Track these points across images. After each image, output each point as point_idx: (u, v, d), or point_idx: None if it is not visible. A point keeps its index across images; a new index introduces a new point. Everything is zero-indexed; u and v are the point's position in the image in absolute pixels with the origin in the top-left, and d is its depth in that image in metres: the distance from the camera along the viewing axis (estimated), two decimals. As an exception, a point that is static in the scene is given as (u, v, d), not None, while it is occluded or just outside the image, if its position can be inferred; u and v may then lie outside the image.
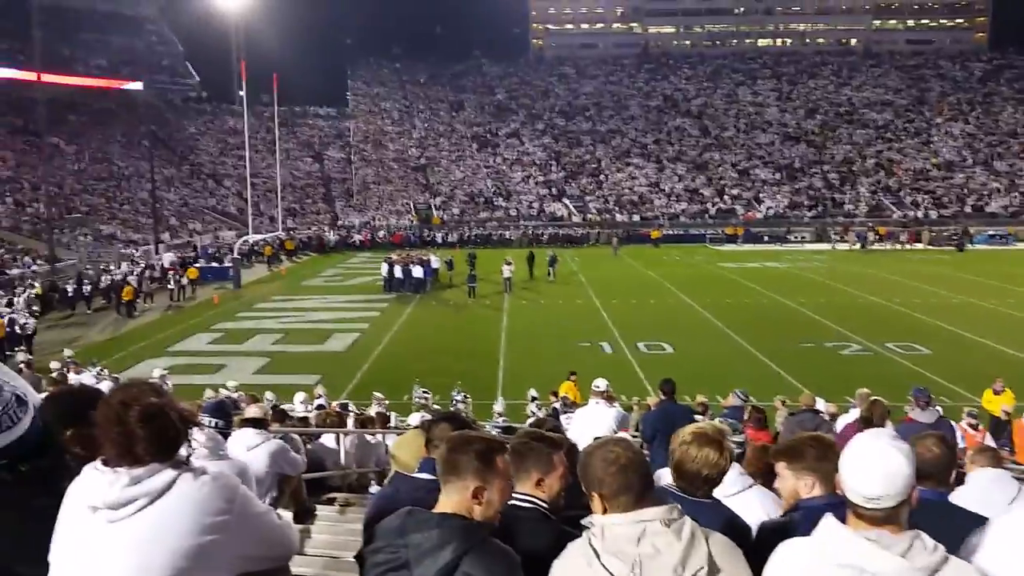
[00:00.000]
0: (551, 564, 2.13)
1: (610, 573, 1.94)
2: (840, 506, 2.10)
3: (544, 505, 2.51)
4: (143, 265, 32.30)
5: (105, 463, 1.87)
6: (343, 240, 53.86)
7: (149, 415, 1.83)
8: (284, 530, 2.01)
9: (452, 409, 12.65)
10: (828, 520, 1.99)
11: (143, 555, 1.73)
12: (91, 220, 44.80)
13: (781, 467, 2.87)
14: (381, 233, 55.91)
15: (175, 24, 75.36)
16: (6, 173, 46.59)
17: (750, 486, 3.61)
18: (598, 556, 1.98)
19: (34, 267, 32.37)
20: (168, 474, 1.81)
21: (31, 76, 42.02)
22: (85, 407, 2.54)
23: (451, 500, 2.10)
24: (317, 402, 13.32)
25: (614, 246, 48.70)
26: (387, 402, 13.83)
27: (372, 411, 12.47)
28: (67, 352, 17.59)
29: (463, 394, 15.13)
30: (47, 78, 42.64)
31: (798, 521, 2.63)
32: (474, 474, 2.08)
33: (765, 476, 4.48)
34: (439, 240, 53.90)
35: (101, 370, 14.70)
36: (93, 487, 1.81)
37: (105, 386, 9.42)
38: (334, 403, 13.08)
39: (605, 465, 2.09)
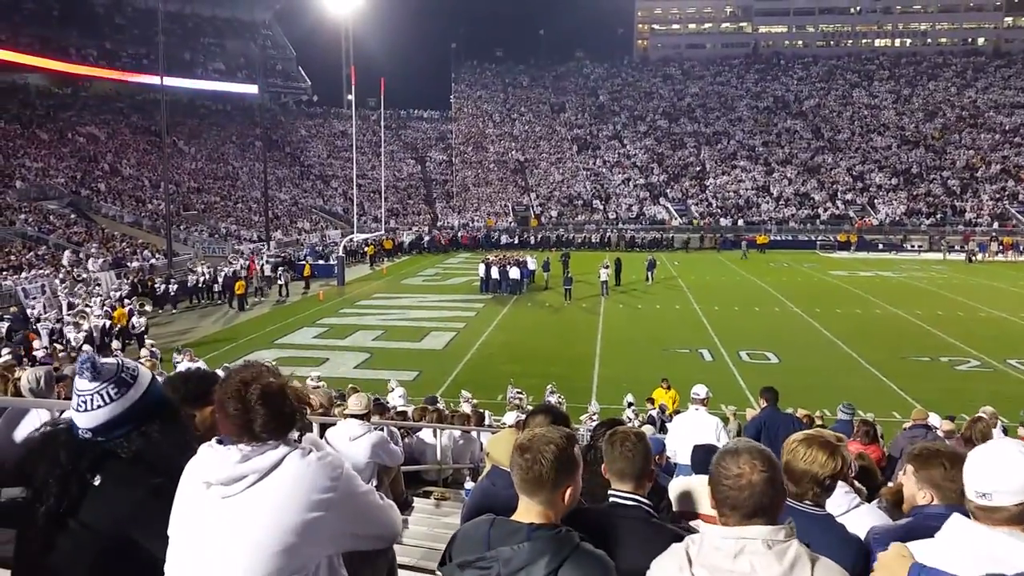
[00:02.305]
0: None
1: None
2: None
3: (647, 503, 2.48)
4: (236, 266, 32.93)
5: (220, 441, 1.92)
6: (415, 242, 52.78)
7: (268, 394, 1.88)
8: (387, 511, 2.04)
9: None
10: (956, 517, 1.98)
11: (254, 530, 1.78)
12: (207, 217, 47.17)
13: (910, 470, 2.82)
14: (460, 234, 56.38)
15: (288, 30, 78.67)
16: (129, 171, 49.58)
17: (858, 504, 3.45)
18: (690, 565, 1.91)
19: (153, 261, 34.22)
20: (277, 452, 1.86)
21: (154, 79, 44.55)
22: (204, 390, 2.64)
23: (537, 509, 2.04)
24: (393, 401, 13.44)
25: (743, 249, 47.95)
26: (474, 400, 13.92)
27: (463, 409, 12.58)
28: (149, 342, 18.65)
29: (557, 395, 15.09)
30: (169, 81, 45.16)
31: (911, 526, 2.60)
32: (567, 477, 2.05)
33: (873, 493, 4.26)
34: (503, 242, 53.83)
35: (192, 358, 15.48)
36: (207, 464, 1.87)
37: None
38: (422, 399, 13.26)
39: (728, 476, 1.95)
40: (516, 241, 54.17)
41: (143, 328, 22.66)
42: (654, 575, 2.02)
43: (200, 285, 30.78)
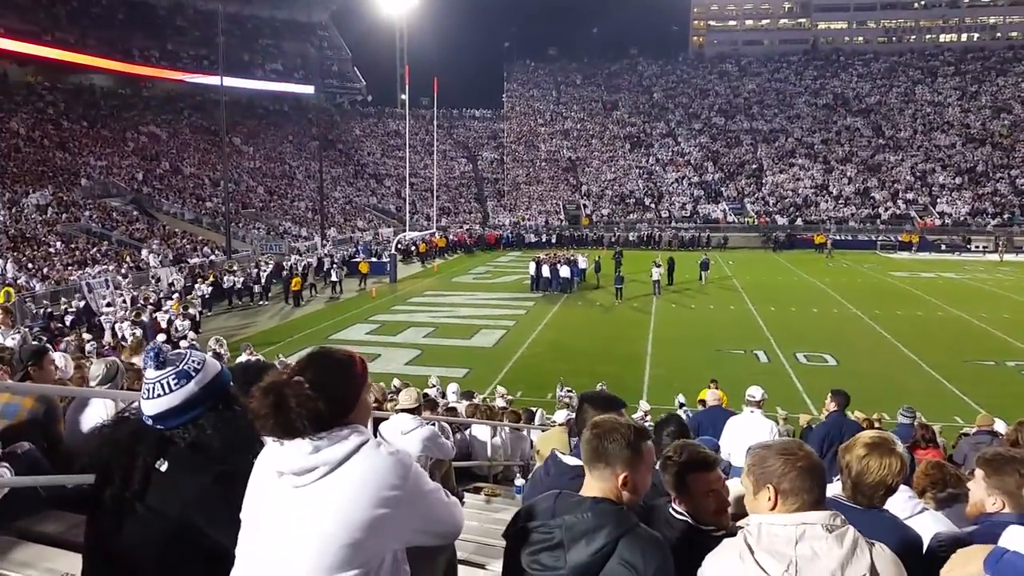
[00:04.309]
0: None
1: (763, 570, 1.91)
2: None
3: (692, 522, 2.53)
4: (272, 266, 32.91)
5: None
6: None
7: (264, 391, 1.84)
8: (451, 508, 2.02)
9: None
10: (1014, 528, 1.95)
11: (323, 522, 1.77)
12: (265, 215, 48.12)
13: (980, 475, 2.72)
14: (485, 233, 56.56)
15: (344, 31, 79.77)
16: (189, 169, 50.88)
17: (922, 510, 3.36)
18: (752, 552, 1.96)
19: (212, 257, 34.99)
20: (348, 444, 1.83)
21: (214, 80, 45.55)
22: (254, 380, 2.68)
23: (598, 485, 2.17)
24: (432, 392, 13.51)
25: (828, 249, 47.09)
26: (509, 397, 13.94)
27: (498, 403, 12.62)
28: (191, 335, 19.25)
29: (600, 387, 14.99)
30: (228, 81, 46.14)
31: (978, 535, 2.51)
32: (622, 463, 2.14)
33: (938, 498, 4.13)
34: (531, 240, 54.16)
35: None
36: (280, 453, 1.86)
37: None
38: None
39: (787, 461, 2.05)
40: (543, 239, 54.16)
41: (185, 332, 22.47)
42: (711, 568, 2.07)
43: (239, 287, 30.22)
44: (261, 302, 30.22)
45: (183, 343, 17.77)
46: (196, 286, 28.66)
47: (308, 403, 1.81)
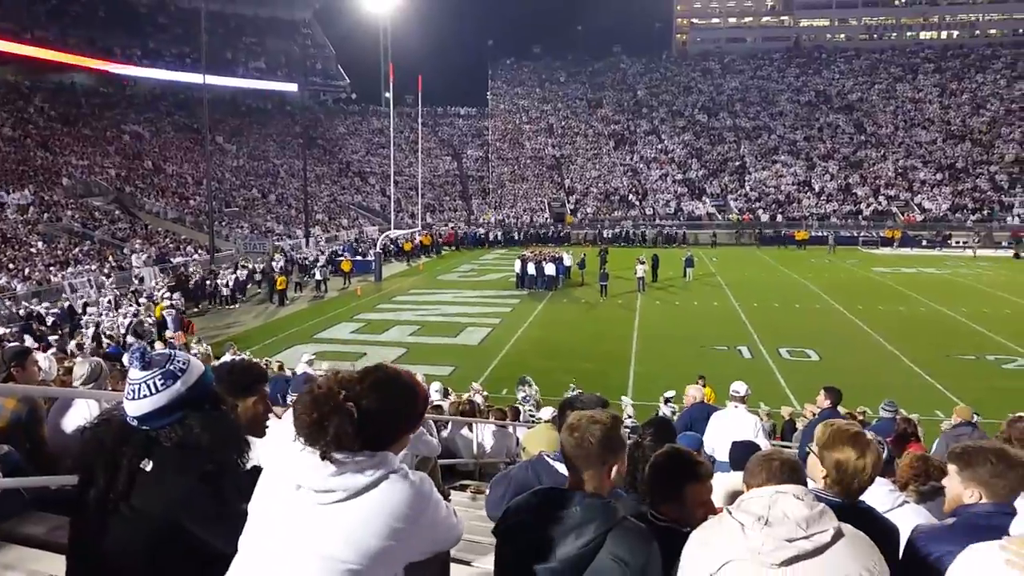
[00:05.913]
0: None
1: (739, 523, 2.04)
2: (1005, 516, 2.00)
3: (676, 527, 2.55)
4: (249, 268, 32.65)
5: None
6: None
7: (312, 405, 1.80)
8: (457, 528, 2.02)
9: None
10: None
11: (333, 544, 1.75)
12: (248, 214, 47.83)
13: (953, 470, 2.75)
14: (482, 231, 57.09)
15: (328, 29, 79.42)
16: (172, 168, 50.48)
17: (903, 503, 3.40)
18: (730, 514, 2.10)
19: (195, 256, 34.74)
20: (372, 474, 1.79)
21: (198, 78, 45.24)
22: (249, 381, 2.67)
23: (585, 481, 2.23)
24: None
25: (830, 244, 47.55)
26: (485, 393, 13.96)
27: (476, 398, 12.65)
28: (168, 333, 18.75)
29: (578, 392, 14.99)
30: (211, 80, 45.76)
31: (957, 527, 2.57)
32: (609, 453, 2.23)
33: (920, 491, 4.18)
34: (490, 239, 55.07)
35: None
36: (301, 466, 1.81)
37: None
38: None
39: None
40: (514, 237, 54.89)
41: (152, 336, 21.60)
42: (696, 536, 2.18)
43: (210, 291, 29.50)
44: (230, 306, 29.31)
45: (158, 344, 17.63)
46: (156, 287, 28.00)
47: (345, 440, 1.77)
